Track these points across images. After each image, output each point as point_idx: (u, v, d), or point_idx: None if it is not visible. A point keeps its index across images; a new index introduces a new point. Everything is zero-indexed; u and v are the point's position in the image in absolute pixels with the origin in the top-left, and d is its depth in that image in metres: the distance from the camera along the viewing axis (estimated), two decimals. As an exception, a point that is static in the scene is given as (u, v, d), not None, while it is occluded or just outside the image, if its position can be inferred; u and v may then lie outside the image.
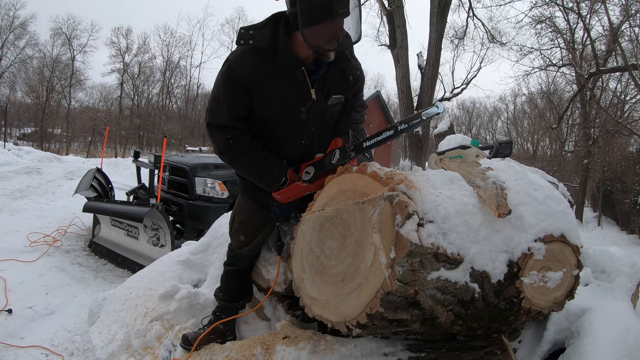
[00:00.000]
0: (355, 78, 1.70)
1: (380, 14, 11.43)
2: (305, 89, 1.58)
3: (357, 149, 1.59)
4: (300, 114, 1.60)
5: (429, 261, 1.37)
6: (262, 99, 1.56)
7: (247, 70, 1.54)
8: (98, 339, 2.28)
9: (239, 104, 1.58)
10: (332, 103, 1.65)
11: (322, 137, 1.71)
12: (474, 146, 2.92)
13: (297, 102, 1.58)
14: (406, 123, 1.55)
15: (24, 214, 5.58)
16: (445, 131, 5.04)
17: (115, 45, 32.51)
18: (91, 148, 28.38)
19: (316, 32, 1.41)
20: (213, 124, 1.64)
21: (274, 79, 1.54)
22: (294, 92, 1.57)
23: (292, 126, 1.63)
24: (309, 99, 1.58)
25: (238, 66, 1.54)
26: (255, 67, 1.53)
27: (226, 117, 1.60)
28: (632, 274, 2.11)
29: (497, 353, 1.66)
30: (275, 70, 1.54)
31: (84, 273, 3.90)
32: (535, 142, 27.97)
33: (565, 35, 14.43)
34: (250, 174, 1.72)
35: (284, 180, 1.67)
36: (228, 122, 1.61)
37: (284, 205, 1.83)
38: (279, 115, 1.60)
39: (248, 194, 1.92)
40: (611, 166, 14.15)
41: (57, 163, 11.53)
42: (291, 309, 2.12)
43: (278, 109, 1.58)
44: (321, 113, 1.65)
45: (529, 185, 1.62)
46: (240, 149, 1.64)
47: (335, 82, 1.64)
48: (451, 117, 34.90)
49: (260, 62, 1.53)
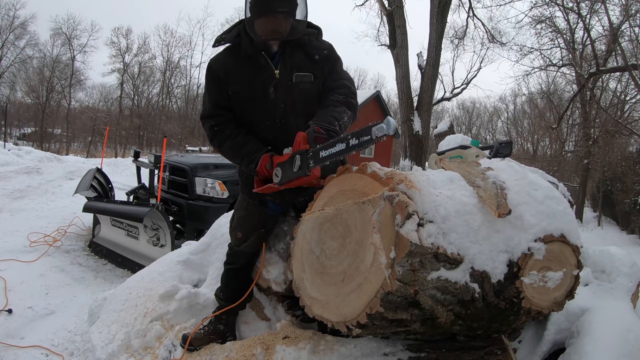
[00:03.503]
0: (322, 57, 1.86)
1: (380, 14, 11.43)
2: (269, 70, 1.80)
3: (315, 158, 1.56)
4: (268, 93, 1.81)
5: (429, 261, 1.37)
6: (234, 85, 1.82)
7: (221, 64, 1.85)
8: (98, 339, 2.28)
9: (218, 93, 1.86)
10: (298, 80, 1.82)
11: (297, 117, 1.84)
12: (474, 146, 2.93)
13: (264, 82, 1.80)
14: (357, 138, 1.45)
15: (24, 214, 5.58)
16: (445, 131, 5.05)
17: (115, 45, 32.57)
18: (91, 148, 28.35)
19: (260, 24, 1.72)
20: (203, 116, 1.92)
21: (242, 67, 1.82)
22: (260, 74, 1.80)
23: (264, 106, 1.82)
24: (273, 78, 1.80)
25: (214, 63, 1.87)
26: (226, 60, 1.85)
27: (209, 105, 1.88)
28: (632, 274, 2.11)
29: (497, 353, 1.66)
30: (242, 60, 1.82)
31: (84, 273, 3.90)
32: (535, 142, 28.00)
33: (565, 35, 14.43)
34: (233, 156, 1.89)
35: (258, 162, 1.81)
36: (212, 110, 1.88)
37: (278, 200, 1.95)
38: (251, 97, 1.82)
39: (245, 190, 2.04)
40: (611, 166, 14.14)
41: (57, 163, 11.53)
42: (291, 309, 2.13)
43: (248, 91, 1.82)
44: (288, 90, 1.82)
45: (529, 185, 1.62)
46: (224, 134, 1.86)
47: (298, 61, 1.82)
48: (451, 117, 34.93)
49: (230, 56, 1.85)
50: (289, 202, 2.01)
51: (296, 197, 1.95)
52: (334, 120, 1.71)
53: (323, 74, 1.87)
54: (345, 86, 1.89)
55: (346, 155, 1.49)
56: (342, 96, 1.84)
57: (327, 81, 1.88)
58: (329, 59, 1.88)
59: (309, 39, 1.84)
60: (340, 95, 1.84)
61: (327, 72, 1.88)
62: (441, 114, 35.25)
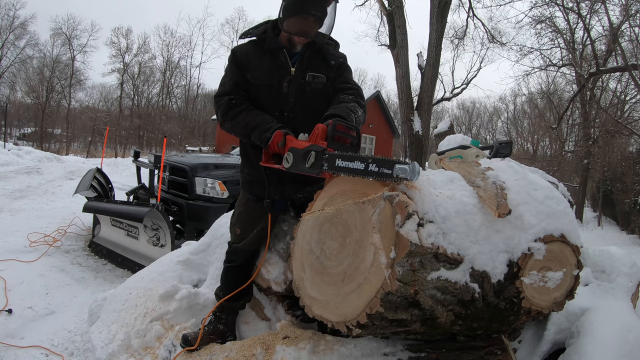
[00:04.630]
0: (337, 63, 2.04)
1: (380, 14, 11.43)
2: (287, 66, 1.97)
3: (330, 163, 1.54)
4: (282, 87, 1.96)
5: (429, 261, 1.37)
6: (254, 72, 1.98)
7: (243, 51, 2.02)
8: (98, 339, 2.28)
9: (238, 75, 2.00)
10: (310, 80, 1.98)
11: (305, 114, 1.95)
12: (474, 146, 2.92)
13: (280, 76, 1.96)
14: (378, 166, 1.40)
15: (24, 214, 5.58)
16: (445, 131, 5.04)
17: (115, 45, 32.59)
18: (91, 148, 28.34)
19: (291, 22, 1.89)
20: (221, 93, 2.02)
21: (263, 58, 1.98)
22: (277, 68, 1.97)
23: (276, 97, 1.97)
24: (289, 74, 1.96)
25: (238, 50, 2.04)
26: (249, 50, 2.02)
27: (230, 84, 2.00)
28: (632, 274, 2.11)
29: (497, 353, 1.66)
30: (264, 53, 1.99)
31: (84, 273, 3.90)
32: (535, 142, 27.97)
33: (565, 35, 14.42)
34: (247, 125, 1.93)
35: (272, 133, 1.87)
36: (232, 88, 2.01)
37: (278, 196, 2.02)
38: (266, 85, 1.97)
39: (246, 187, 2.13)
40: (611, 166, 14.14)
41: (57, 163, 11.53)
42: (291, 309, 2.13)
43: (265, 79, 1.97)
44: (301, 87, 1.97)
45: (529, 185, 1.62)
46: (241, 107, 1.97)
47: (314, 63, 1.99)
48: (451, 117, 34.92)
49: (253, 46, 2.03)
50: (288, 198, 2.08)
51: (295, 193, 2.05)
52: (350, 112, 1.79)
53: (336, 77, 2.03)
54: (355, 89, 2.02)
55: (361, 176, 1.44)
56: (352, 96, 1.95)
57: (336, 83, 2.03)
58: (342, 65, 2.07)
59: (327, 48, 2.02)
60: (350, 95, 1.96)
61: (339, 76, 2.04)
62: (441, 114, 35.29)
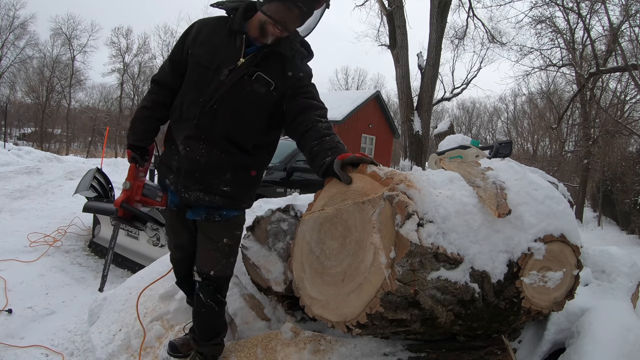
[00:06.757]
0: (295, 76, 1.76)
1: (380, 14, 11.44)
2: (237, 53, 1.72)
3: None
4: (220, 73, 1.72)
5: (429, 261, 1.37)
6: (199, 47, 1.77)
7: (202, 24, 1.82)
8: (98, 339, 2.28)
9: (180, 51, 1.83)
10: (255, 80, 1.72)
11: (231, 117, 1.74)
12: (474, 146, 2.93)
13: (225, 59, 1.72)
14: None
15: (24, 214, 5.58)
16: (445, 131, 5.04)
17: (115, 45, 32.58)
18: (91, 148, 28.35)
19: (272, 7, 1.62)
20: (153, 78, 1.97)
21: (217, 35, 1.77)
22: (227, 50, 1.73)
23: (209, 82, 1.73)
24: (235, 62, 1.71)
25: (199, 22, 1.84)
26: (210, 25, 1.81)
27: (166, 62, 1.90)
28: (632, 274, 2.11)
29: (497, 353, 1.66)
30: (223, 30, 1.76)
31: (84, 273, 3.90)
32: (535, 142, 27.97)
33: (565, 35, 14.43)
34: (136, 117, 1.99)
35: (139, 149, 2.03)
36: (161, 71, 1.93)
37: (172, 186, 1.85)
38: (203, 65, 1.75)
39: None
40: (611, 166, 14.14)
41: (57, 163, 11.51)
42: (291, 309, 2.13)
43: (204, 57, 1.75)
44: (240, 83, 1.71)
45: (529, 185, 1.62)
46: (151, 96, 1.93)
47: (269, 65, 1.73)
48: (451, 117, 34.93)
49: (215, 22, 1.81)
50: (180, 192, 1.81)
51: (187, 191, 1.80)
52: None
53: (285, 92, 1.76)
54: (324, 108, 1.77)
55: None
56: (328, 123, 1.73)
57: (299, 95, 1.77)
58: (301, 81, 1.78)
59: (292, 55, 1.75)
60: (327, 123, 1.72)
61: (298, 87, 1.77)
62: (441, 114, 35.31)
